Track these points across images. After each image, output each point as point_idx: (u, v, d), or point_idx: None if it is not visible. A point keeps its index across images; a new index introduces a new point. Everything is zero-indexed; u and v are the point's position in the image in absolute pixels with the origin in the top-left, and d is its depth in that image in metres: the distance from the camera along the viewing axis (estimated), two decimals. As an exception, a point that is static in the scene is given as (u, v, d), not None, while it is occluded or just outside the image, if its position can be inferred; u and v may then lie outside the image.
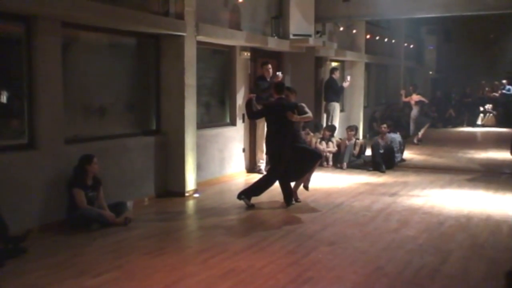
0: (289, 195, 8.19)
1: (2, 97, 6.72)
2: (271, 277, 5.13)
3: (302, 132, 11.26)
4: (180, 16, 8.45)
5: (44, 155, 6.70)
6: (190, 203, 8.50)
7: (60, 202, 6.84)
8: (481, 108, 20.98)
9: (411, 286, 4.94)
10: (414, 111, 16.44)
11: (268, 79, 10.58)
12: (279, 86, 8.25)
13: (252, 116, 8.66)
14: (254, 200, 8.09)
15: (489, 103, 20.98)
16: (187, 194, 8.73)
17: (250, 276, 5.17)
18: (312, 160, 8.21)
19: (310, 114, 8.27)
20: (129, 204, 7.56)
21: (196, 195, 8.83)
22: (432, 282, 5.05)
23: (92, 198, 6.96)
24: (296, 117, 7.99)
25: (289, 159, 8.05)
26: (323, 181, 10.15)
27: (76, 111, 7.51)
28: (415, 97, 16.45)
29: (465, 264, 5.59)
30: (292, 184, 8.32)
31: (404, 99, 16.73)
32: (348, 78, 14.08)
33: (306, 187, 8.51)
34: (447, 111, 21.41)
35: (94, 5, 6.85)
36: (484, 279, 5.21)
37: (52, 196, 6.79)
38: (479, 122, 20.80)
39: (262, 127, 10.66)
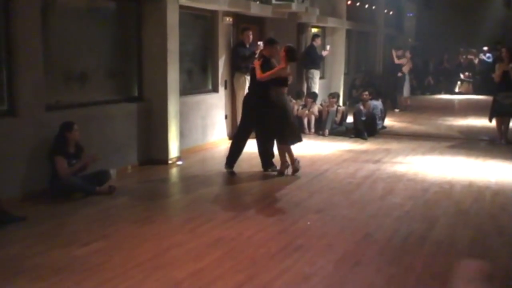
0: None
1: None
2: (261, 245, 5.12)
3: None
4: (162, -20, 8.23)
5: (25, 122, 6.51)
6: (174, 171, 8.42)
7: (42, 171, 6.69)
8: (461, 76, 21.07)
9: (400, 253, 4.98)
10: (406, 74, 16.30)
11: (248, 46, 10.45)
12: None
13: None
14: (236, 168, 8.04)
15: (467, 71, 21.10)
16: (170, 162, 8.65)
17: (240, 244, 5.15)
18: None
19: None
20: (113, 172, 7.45)
21: (180, 162, 8.75)
22: (421, 248, 5.10)
23: (75, 165, 6.83)
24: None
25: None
26: (307, 148, 10.12)
27: (57, 77, 7.30)
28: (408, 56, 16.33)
29: (452, 230, 5.66)
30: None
31: (397, 61, 16.32)
32: (328, 47, 14.01)
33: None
34: (425, 79, 21.51)
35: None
36: (471, 244, 5.29)
37: (33, 164, 6.64)
38: (456, 89, 20.95)
39: (242, 95, 10.54)
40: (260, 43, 9.89)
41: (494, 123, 10.82)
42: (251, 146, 8.34)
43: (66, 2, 7.43)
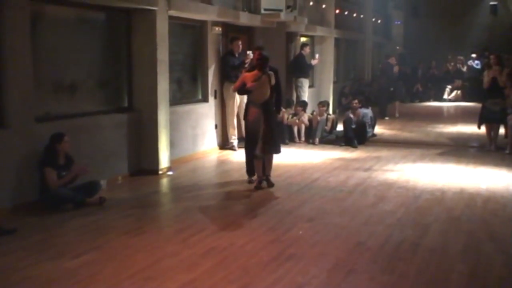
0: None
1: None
2: (254, 254, 5.10)
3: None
4: (152, -10, 8.23)
5: (15, 134, 6.47)
6: (164, 181, 8.38)
7: (32, 182, 6.65)
8: (449, 86, 21.13)
9: (393, 260, 4.97)
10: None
11: (237, 55, 10.47)
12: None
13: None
14: (226, 177, 8.01)
15: (456, 78, 21.19)
16: (160, 172, 8.61)
17: (232, 254, 5.13)
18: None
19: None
20: (103, 183, 7.42)
21: (170, 172, 8.72)
22: (414, 255, 5.11)
23: (65, 177, 6.78)
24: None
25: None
26: (297, 157, 10.16)
27: (47, 88, 7.26)
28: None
29: (444, 237, 5.67)
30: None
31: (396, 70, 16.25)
32: (317, 56, 14.07)
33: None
34: (414, 86, 21.63)
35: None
36: (463, 250, 5.29)
37: (23, 176, 6.59)
38: (445, 96, 21.02)
39: (232, 104, 10.57)
40: (250, 52, 9.94)
41: (483, 129, 10.87)
42: (241, 155, 8.33)
43: (56, 12, 7.39)
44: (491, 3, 20.51)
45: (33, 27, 6.72)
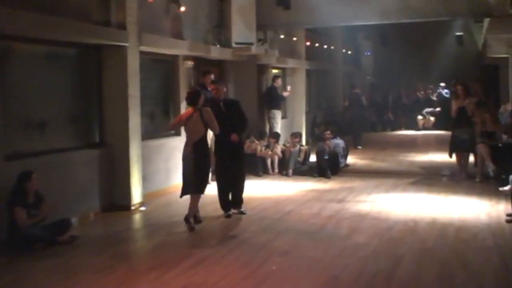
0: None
1: None
2: (228, 291, 5.05)
3: (247, 140, 11.34)
4: (122, 26, 8.27)
5: (-18, 173, 6.36)
6: (137, 217, 8.29)
7: (1, 222, 6.49)
8: (420, 115, 21.39)
9: (367, 294, 4.97)
10: None
11: (209, 89, 10.48)
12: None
13: None
14: (201, 213, 7.93)
15: (426, 106, 21.53)
16: (133, 208, 8.52)
17: (206, 291, 5.06)
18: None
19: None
20: (74, 220, 7.32)
21: (143, 208, 8.63)
22: (388, 287, 5.10)
23: (34, 216, 6.65)
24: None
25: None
26: (271, 189, 10.16)
27: (15, 125, 7.16)
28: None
29: (418, 267, 5.69)
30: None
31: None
32: (288, 88, 14.23)
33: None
34: (385, 114, 21.94)
35: (32, 16, 6.61)
36: (437, 281, 5.33)
37: (-9, 215, 6.45)
38: (420, 126, 21.20)
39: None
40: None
41: (454, 158, 11.03)
42: (213, 189, 8.30)
43: (25, 49, 7.34)
44: (457, 33, 21.08)
45: (1, 64, 6.66)
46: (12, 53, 7.14)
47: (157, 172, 9.70)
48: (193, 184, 7.42)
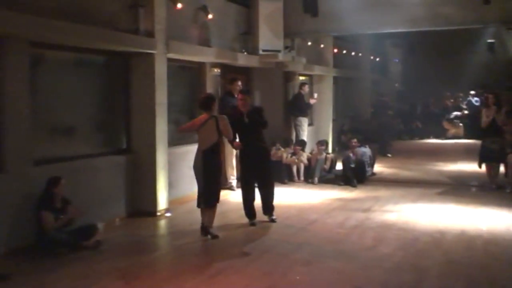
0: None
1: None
2: (250, 301, 5.03)
3: (273, 148, 11.33)
4: (150, 34, 8.35)
5: (12, 178, 6.50)
6: (162, 223, 8.33)
7: (28, 226, 6.61)
8: (447, 120, 21.08)
9: (391, 307, 4.90)
10: None
11: (236, 96, 10.50)
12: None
13: None
14: (224, 219, 7.93)
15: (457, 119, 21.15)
16: (158, 214, 8.57)
17: (228, 301, 5.06)
18: None
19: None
20: (100, 225, 7.34)
21: (168, 214, 8.67)
22: (412, 302, 5.03)
23: (61, 220, 6.75)
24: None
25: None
26: (296, 197, 10.12)
27: (45, 131, 7.31)
28: None
29: (443, 282, 5.60)
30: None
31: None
32: (315, 95, 14.13)
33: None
34: (413, 123, 21.69)
35: (63, 24, 6.72)
36: (462, 297, 5.23)
37: (20, 219, 6.58)
38: (448, 134, 20.87)
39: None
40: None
41: (484, 168, 10.83)
42: (240, 196, 8.30)
43: (55, 56, 7.48)
44: (489, 40, 20.67)
45: (32, 71, 6.80)
46: (43, 60, 7.29)
47: (182, 178, 9.74)
48: (202, 196, 7.26)
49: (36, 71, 7.00)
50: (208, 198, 7.24)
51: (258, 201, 8.15)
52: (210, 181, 7.20)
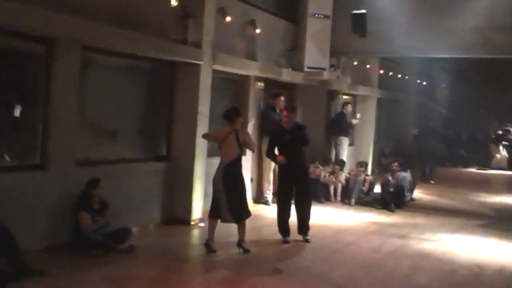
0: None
1: (17, 112, 6.70)
2: (278, 321, 4.96)
3: (311, 165, 11.23)
4: (198, 45, 8.44)
5: (55, 177, 6.65)
6: (195, 233, 8.34)
7: (65, 225, 6.75)
8: (499, 147, 20.38)
9: None
10: None
11: (278, 111, 10.48)
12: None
13: None
14: (257, 233, 7.88)
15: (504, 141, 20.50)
16: (192, 223, 8.58)
17: (256, 318, 5.00)
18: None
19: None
20: (134, 230, 7.42)
21: (202, 224, 8.66)
22: (445, 337, 4.87)
23: (97, 222, 6.84)
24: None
25: None
26: (332, 217, 9.99)
27: (89, 133, 7.46)
28: None
29: (479, 318, 5.41)
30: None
31: None
32: (358, 116, 13.95)
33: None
34: (457, 150, 21.18)
35: (116, 30, 6.89)
36: (499, 337, 5.03)
37: (59, 217, 6.72)
38: (493, 165, 20.28)
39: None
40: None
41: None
42: (274, 211, 8.24)
43: (104, 61, 7.64)
44: (543, 72, 20.16)
45: (81, 74, 6.94)
46: (93, 63, 7.45)
47: (219, 189, 9.74)
48: (226, 212, 7.12)
49: (85, 73, 7.15)
50: (238, 212, 7.13)
51: (292, 218, 8.06)
52: (235, 195, 7.11)
